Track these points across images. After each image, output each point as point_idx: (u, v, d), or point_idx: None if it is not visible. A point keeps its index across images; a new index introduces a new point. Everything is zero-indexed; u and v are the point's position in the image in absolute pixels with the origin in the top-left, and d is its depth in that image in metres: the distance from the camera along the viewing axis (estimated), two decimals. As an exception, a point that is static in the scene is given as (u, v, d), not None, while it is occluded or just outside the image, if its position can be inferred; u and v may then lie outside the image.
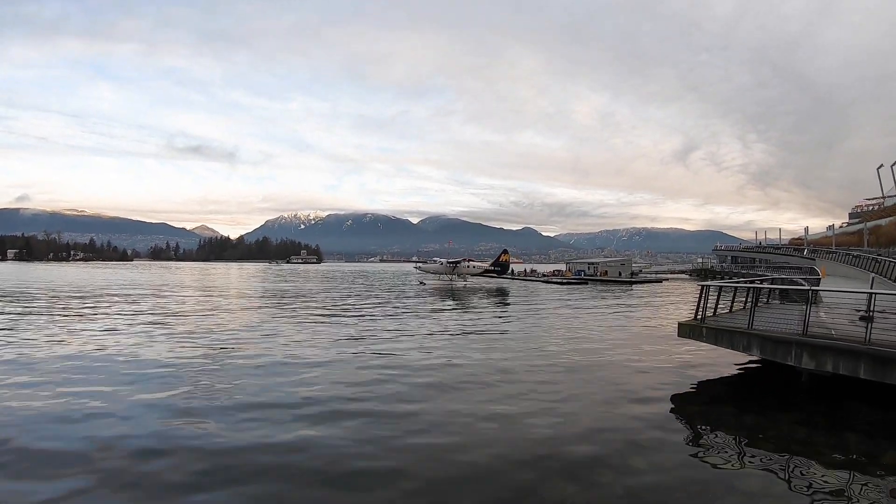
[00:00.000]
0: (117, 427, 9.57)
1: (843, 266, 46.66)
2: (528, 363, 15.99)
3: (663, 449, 8.94)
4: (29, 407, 10.74)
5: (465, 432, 9.70)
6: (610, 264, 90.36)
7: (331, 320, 26.54)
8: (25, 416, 10.20)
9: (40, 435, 9.12)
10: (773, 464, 8.24)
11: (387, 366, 15.23)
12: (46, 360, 15.26)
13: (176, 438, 9.04)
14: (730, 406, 11.72)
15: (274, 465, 7.98)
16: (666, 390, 12.77)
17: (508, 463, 8.27)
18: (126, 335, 20.14)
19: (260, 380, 13.32)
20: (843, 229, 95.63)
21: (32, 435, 9.09)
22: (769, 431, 9.89)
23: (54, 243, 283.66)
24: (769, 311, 14.93)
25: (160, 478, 7.52)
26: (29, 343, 18.14)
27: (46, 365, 14.68)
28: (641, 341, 20.85)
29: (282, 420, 10.18)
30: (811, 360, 11.47)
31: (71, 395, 11.65)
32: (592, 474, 7.87)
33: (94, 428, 9.52)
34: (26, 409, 10.63)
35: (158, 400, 11.39)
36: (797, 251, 79.26)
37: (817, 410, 11.08)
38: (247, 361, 15.57)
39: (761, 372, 14.51)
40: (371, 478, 7.69)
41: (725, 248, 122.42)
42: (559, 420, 10.52)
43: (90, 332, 20.76)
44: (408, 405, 11.32)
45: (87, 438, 8.96)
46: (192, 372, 14.02)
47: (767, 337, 12.50)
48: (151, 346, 17.71)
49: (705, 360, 16.00)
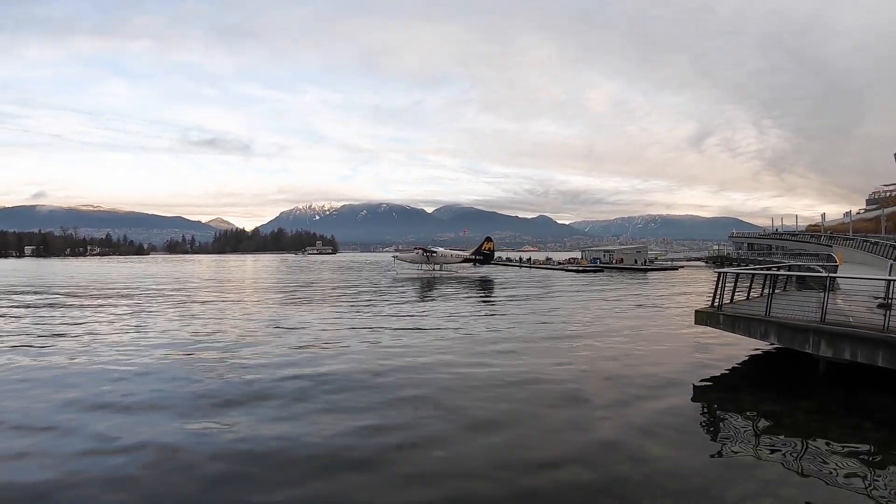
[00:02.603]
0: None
1: (861, 253, 46.10)
2: (540, 347, 16.14)
3: (681, 435, 9.02)
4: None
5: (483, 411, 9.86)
6: (626, 252, 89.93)
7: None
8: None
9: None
10: (790, 451, 8.29)
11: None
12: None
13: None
14: (747, 393, 11.76)
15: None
16: (683, 378, 12.84)
17: (523, 448, 8.42)
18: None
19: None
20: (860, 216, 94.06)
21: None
22: (786, 419, 9.93)
23: (71, 239, 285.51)
24: (786, 299, 14.85)
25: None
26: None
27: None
28: (658, 329, 20.90)
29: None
30: (829, 347, 11.46)
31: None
32: (609, 460, 7.96)
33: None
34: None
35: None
36: (814, 238, 78.20)
37: (835, 398, 11.08)
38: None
39: (778, 359, 14.48)
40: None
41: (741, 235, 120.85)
42: (577, 405, 10.67)
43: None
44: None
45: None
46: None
47: (785, 324, 12.49)
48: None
49: (722, 347, 16.01)
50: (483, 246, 66.69)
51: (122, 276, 66.57)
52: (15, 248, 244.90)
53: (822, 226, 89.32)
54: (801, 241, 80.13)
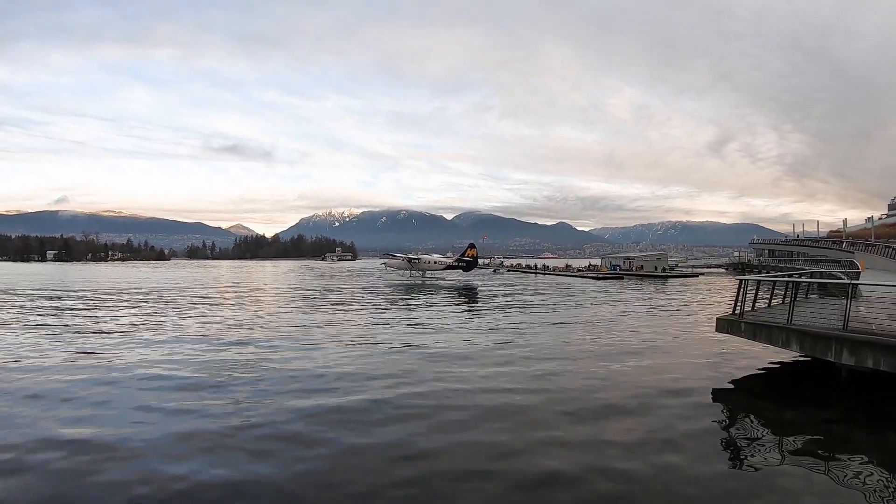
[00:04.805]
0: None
1: (884, 259, 45.47)
2: (564, 354, 16.18)
3: (701, 444, 8.99)
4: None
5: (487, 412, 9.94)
6: (646, 259, 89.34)
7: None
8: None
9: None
10: (812, 461, 8.21)
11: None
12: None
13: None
14: (768, 402, 11.71)
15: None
16: (704, 385, 12.79)
17: (542, 455, 8.44)
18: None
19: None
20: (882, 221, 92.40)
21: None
22: (808, 428, 9.86)
23: (93, 244, 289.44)
24: (808, 306, 14.76)
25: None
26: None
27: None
28: (679, 336, 20.82)
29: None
30: (851, 355, 11.34)
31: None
32: (629, 468, 7.96)
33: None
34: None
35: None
36: (835, 244, 77.28)
37: (857, 407, 10.98)
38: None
39: (800, 368, 14.35)
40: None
41: (762, 242, 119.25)
42: (596, 413, 10.70)
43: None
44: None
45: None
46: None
47: (806, 332, 12.38)
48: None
49: (744, 355, 15.89)
50: (466, 252, 66.34)
51: (168, 279, 67.23)
52: (37, 253, 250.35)
53: (843, 231, 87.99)
54: (822, 248, 79.19)
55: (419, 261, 64.54)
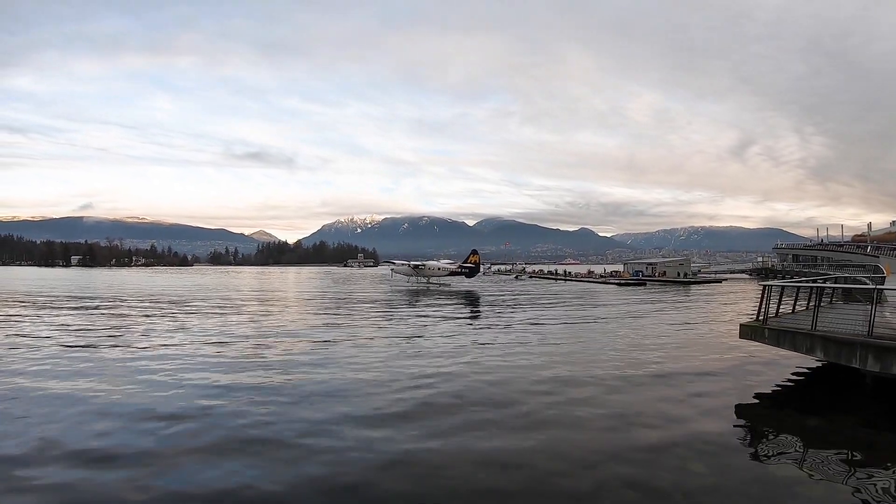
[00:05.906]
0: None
1: (909, 264, 44.71)
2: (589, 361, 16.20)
3: (724, 451, 8.99)
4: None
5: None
6: (668, 265, 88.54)
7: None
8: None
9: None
10: (836, 468, 8.16)
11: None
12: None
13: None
14: (792, 409, 11.65)
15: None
16: (727, 392, 12.76)
17: (568, 464, 8.50)
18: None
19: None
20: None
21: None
22: (833, 435, 9.80)
23: (116, 249, 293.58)
24: (832, 312, 14.62)
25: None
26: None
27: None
28: (703, 342, 20.73)
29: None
30: (876, 362, 11.24)
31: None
32: (652, 476, 7.97)
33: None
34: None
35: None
36: (860, 248, 76.01)
37: (882, 414, 10.90)
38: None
39: (825, 374, 14.24)
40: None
41: (786, 247, 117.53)
42: (619, 419, 10.73)
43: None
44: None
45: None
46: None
47: (831, 338, 12.30)
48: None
49: (768, 361, 15.81)
50: (469, 259, 66.56)
51: (199, 286, 67.91)
52: (62, 258, 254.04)
53: (868, 235, 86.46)
54: (846, 252, 77.94)
55: (424, 267, 65.07)
